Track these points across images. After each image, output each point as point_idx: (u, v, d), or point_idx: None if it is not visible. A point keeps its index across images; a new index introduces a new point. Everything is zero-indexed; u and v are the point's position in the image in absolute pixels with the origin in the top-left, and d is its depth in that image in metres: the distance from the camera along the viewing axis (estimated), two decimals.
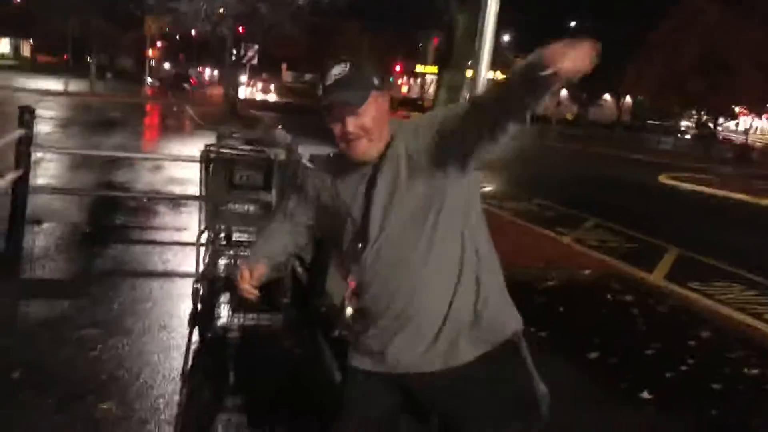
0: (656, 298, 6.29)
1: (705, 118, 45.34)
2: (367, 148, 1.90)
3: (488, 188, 12.78)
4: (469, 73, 8.61)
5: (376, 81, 1.89)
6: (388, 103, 1.94)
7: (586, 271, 6.95)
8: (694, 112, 46.60)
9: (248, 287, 2.02)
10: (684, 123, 56.96)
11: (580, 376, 4.33)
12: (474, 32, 4.54)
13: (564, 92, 52.84)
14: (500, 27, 3.76)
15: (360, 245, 1.93)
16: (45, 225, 6.47)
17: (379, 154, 1.91)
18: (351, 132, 1.86)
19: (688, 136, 50.91)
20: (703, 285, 6.91)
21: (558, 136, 37.20)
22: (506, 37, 42.52)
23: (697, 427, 3.84)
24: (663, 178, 19.41)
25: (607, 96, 53.01)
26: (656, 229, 10.10)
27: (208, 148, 4.84)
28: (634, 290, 6.42)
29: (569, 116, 51.54)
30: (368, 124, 1.86)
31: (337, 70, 1.85)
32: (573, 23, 43.65)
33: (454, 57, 7.67)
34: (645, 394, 4.05)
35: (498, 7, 3.61)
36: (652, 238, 9.41)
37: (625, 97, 52.18)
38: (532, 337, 4.76)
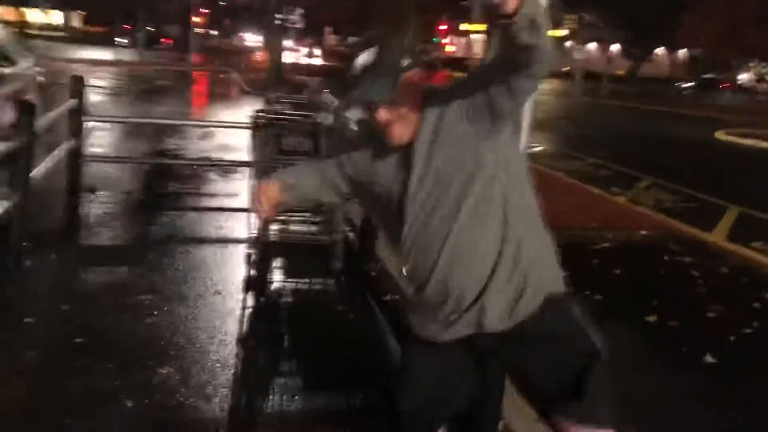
0: (717, 258, 6.09)
1: (765, 70, 43.42)
2: (402, 132, 1.86)
3: (540, 148, 12.54)
4: None
5: (404, 62, 1.85)
6: (421, 78, 1.89)
7: (643, 232, 6.76)
8: (752, 64, 44.64)
9: (263, 205, 2.00)
10: (742, 76, 54.65)
11: (639, 339, 4.23)
12: None
13: (616, 47, 51.20)
14: None
15: (400, 221, 1.91)
16: (100, 193, 6.59)
17: (415, 130, 1.86)
18: (382, 121, 1.84)
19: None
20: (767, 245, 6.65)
21: (610, 93, 36.20)
22: None
23: (764, 391, 3.71)
24: (720, 134, 18.70)
25: (660, 50, 51.12)
26: (715, 187, 9.75)
27: (257, 114, 4.83)
28: (694, 251, 6.22)
29: (621, 72, 49.86)
30: (399, 109, 1.83)
31: (363, 59, 1.82)
32: None
33: None
34: (708, 359, 3.92)
35: None
36: (711, 196, 9.09)
37: (678, 52, 50.29)
38: (588, 300, 4.68)
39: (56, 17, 60.70)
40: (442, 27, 57.90)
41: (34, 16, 59.29)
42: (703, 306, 4.81)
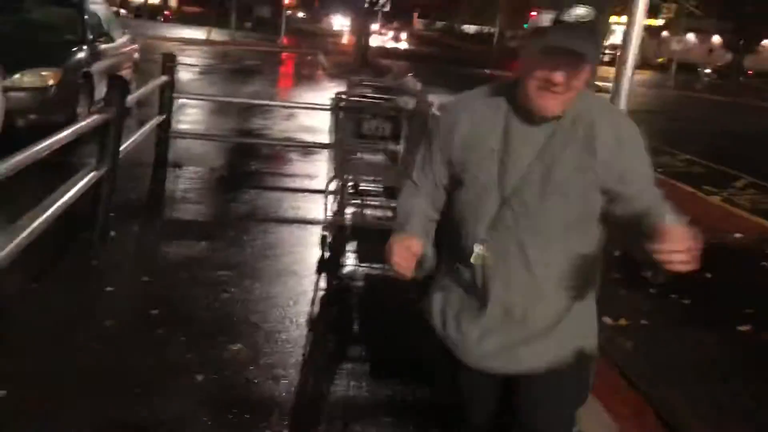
0: None
1: None
2: (558, 107, 1.69)
3: None
4: (613, 18, 8.01)
5: (601, 40, 1.72)
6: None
7: (738, 235, 6.37)
8: None
9: (404, 263, 1.79)
10: None
11: (730, 350, 3.97)
12: None
13: (717, 38, 48.70)
14: None
15: (498, 207, 1.77)
16: (185, 168, 6.75)
17: (560, 115, 1.71)
18: (559, 84, 1.65)
19: None
20: None
21: (707, 86, 34.49)
22: None
23: None
24: None
25: (766, 42, 48.18)
26: None
27: (338, 96, 4.80)
28: None
29: (721, 64, 47.34)
30: (579, 82, 1.66)
31: (582, 12, 1.63)
32: None
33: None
34: None
35: None
36: None
37: None
38: (675, 304, 4.44)
39: None
40: (533, 14, 56.37)
41: None
42: None
